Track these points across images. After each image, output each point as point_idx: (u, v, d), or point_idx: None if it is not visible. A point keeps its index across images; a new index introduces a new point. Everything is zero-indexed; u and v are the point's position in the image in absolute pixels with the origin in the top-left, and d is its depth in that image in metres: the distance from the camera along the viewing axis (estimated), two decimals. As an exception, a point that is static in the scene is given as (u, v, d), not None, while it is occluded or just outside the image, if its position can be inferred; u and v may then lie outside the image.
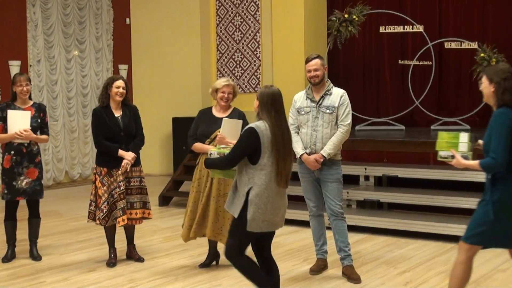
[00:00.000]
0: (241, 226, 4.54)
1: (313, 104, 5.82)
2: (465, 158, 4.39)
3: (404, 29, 11.06)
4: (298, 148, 5.82)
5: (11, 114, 6.30)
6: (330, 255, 6.15)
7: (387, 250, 6.89)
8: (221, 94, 6.02)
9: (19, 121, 6.29)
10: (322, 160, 5.69)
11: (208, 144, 5.96)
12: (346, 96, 5.81)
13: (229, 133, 5.79)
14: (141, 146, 6.46)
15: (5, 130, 6.33)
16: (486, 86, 4.36)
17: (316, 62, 5.76)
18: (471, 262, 4.37)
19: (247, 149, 4.54)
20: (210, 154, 4.92)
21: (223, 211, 5.84)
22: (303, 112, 5.86)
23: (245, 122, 5.96)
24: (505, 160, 4.13)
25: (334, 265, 6.11)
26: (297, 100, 5.96)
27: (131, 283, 5.81)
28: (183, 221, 6.19)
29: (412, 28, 11.00)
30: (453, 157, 4.42)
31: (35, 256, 6.63)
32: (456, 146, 4.42)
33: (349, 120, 5.76)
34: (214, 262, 6.39)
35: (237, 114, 6.11)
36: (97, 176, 6.29)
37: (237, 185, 4.61)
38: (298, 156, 5.83)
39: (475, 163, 4.29)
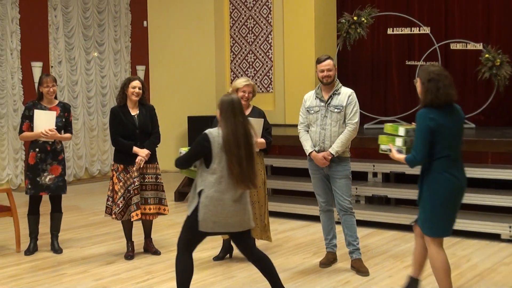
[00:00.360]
0: (193, 225, 4.62)
1: (322, 104, 5.82)
2: (400, 151, 4.70)
3: (411, 31, 11.02)
4: (307, 146, 5.84)
5: (38, 113, 6.36)
6: (339, 248, 6.15)
7: (394, 244, 6.88)
8: (241, 94, 5.98)
9: (44, 121, 6.35)
10: (330, 157, 5.68)
11: None
12: (354, 95, 5.80)
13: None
14: (156, 143, 6.46)
15: (31, 129, 6.39)
16: (417, 86, 4.56)
17: (328, 63, 5.75)
18: (443, 251, 4.60)
19: (199, 153, 4.63)
20: (180, 152, 5.01)
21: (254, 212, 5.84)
22: (312, 111, 5.86)
23: (265, 121, 6.01)
24: (423, 157, 4.44)
25: (343, 258, 6.11)
26: (307, 100, 5.96)
27: (148, 275, 5.84)
28: None
29: (419, 30, 10.96)
30: (390, 150, 4.76)
31: (56, 249, 6.67)
32: (393, 139, 4.74)
33: (356, 119, 5.75)
34: (227, 255, 6.41)
35: (257, 112, 6.12)
36: (114, 172, 6.33)
37: (195, 185, 4.68)
38: (307, 153, 5.85)
39: (402, 157, 4.63)
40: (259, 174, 5.79)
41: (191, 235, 4.71)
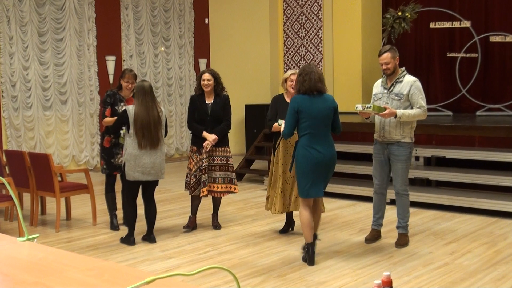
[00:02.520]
0: (123, 176, 5.90)
1: (385, 91, 5.72)
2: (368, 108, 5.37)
3: (452, 25, 10.75)
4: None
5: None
6: (384, 226, 6.09)
7: (435, 223, 6.76)
8: (290, 83, 6.08)
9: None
10: (394, 113, 5.47)
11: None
12: (416, 83, 5.62)
13: None
14: (225, 130, 6.51)
15: (113, 114, 6.44)
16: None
17: (386, 56, 5.62)
18: (306, 210, 5.20)
19: (119, 122, 5.90)
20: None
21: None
22: (376, 98, 5.78)
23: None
24: (290, 130, 5.16)
25: (388, 235, 6.05)
26: (374, 87, 5.91)
27: (209, 247, 5.91)
28: (273, 198, 6.16)
29: (460, 24, 10.68)
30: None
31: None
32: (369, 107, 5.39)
33: (423, 103, 5.57)
34: (290, 229, 6.46)
35: None
36: (190, 153, 6.51)
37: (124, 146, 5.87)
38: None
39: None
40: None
41: (125, 184, 5.98)
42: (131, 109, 5.74)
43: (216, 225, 6.65)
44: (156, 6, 12.49)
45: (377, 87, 5.85)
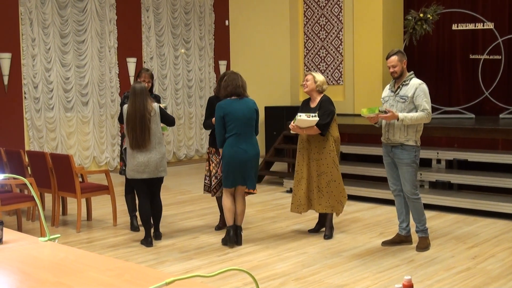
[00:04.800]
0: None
1: (392, 94, 5.71)
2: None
3: (475, 26, 10.64)
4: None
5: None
6: (404, 229, 6.04)
7: (456, 227, 6.69)
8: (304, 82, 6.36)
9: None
10: (396, 117, 5.45)
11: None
12: (422, 86, 5.57)
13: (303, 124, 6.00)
14: None
15: None
16: None
17: (393, 59, 5.61)
18: (228, 197, 5.93)
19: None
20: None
21: (325, 186, 6.06)
22: (383, 101, 5.78)
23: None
24: (219, 133, 5.87)
25: (408, 239, 6.00)
26: (384, 90, 5.90)
27: (229, 248, 5.91)
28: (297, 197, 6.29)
29: (483, 25, 10.57)
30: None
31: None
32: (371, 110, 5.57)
33: (426, 106, 5.52)
34: (322, 228, 6.44)
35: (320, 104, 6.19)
36: (209, 155, 6.51)
37: None
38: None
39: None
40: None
41: (131, 182, 6.22)
42: (125, 109, 5.95)
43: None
44: (176, 8, 12.55)
45: (386, 90, 5.88)
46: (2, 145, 8.67)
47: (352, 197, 8.17)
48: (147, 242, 6.01)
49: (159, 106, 6.03)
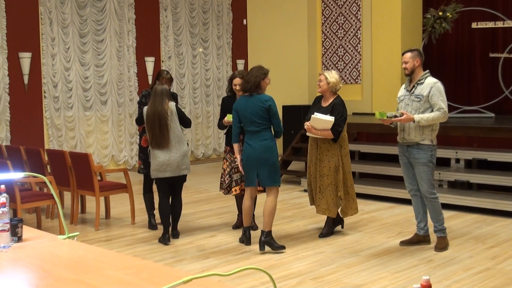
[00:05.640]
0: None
1: (407, 93, 5.67)
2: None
3: (495, 25, 10.53)
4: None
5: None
6: (423, 229, 5.99)
7: (476, 227, 6.63)
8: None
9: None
10: (411, 119, 5.44)
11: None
12: (437, 85, 5.52)
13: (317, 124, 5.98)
14: None
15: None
16: None
17: (406, 55, 5.61)
18: (246, 197, 5.92)
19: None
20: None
21: (324, 189, 6.06)
22: (398, 101, 5.75)
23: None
24: (235, 128, 5.86)
25: (426, 239, 5.95)
26: (400, 90, 5.86)
27: (245, 247, 5.91)
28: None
29: (503, 24, 10.45)
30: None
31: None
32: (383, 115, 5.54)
33: (442, 105, 5.47)
34: (340, 226, 6.46)
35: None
36: (224, 153, 6.57)
37: None
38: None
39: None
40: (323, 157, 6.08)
41: (156, 183, 6.19)
42: (145, 110, 6.06)
43: (252, 226, 6.65)
44: (194, 8, 12.59)
45: (401, 89, 5.83)
46: (22, 143, 8.77)
47: (370, 197, 8.13)
48: (164, 239, 6.05)
49: (175, 105, 6.07)
